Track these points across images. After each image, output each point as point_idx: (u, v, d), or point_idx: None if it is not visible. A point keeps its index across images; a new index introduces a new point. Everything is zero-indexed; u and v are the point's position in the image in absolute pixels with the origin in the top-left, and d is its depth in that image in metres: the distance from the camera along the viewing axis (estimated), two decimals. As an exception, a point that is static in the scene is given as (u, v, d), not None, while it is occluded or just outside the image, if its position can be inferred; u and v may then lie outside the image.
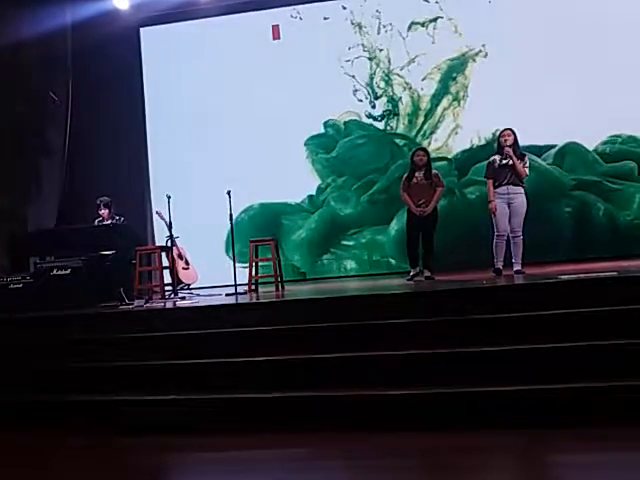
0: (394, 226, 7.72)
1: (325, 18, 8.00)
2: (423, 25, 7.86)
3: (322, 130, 8.06)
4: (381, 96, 7.98)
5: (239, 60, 8.15)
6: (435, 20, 7.83)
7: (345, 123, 8.03)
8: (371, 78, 8.00)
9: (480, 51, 7.70)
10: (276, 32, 8.20)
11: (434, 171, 5.71)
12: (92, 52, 7.83)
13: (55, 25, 7.36)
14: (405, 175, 5.75)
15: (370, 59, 7.99)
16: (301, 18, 8.09)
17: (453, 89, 7.80)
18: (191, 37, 8.32)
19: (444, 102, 7.82)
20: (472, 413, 3.16)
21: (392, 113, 7.90)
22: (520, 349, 3.44)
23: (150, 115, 8.49)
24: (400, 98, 7.92)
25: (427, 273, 5.60)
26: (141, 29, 8.50)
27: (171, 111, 8.29)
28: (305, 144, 8.05)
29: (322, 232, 8.01)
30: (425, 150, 5.81)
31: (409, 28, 7.88)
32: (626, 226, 7.19)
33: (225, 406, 3.50)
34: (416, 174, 5.64)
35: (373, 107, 7.98)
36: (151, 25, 8.46)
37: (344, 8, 8.01)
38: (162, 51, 8.44)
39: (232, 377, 3.67)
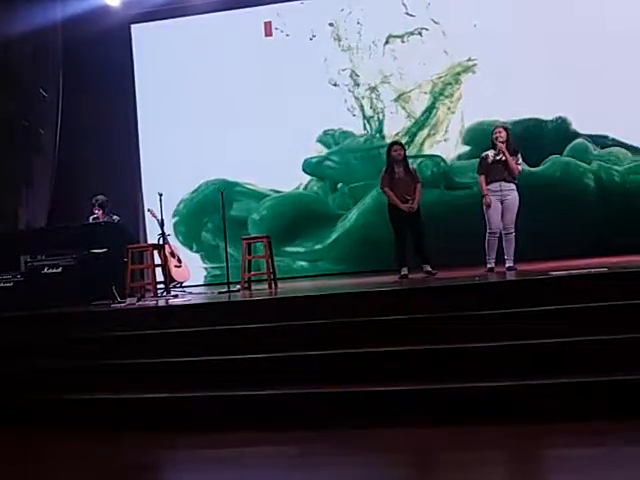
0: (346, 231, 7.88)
1: (312, 37, 8.02)
2: (402, 39, 7.87)
3: (314, 134, 8.03)
4: (372, 107, 8.01)
5: (230, 57, 8.13)
6: (420, 34, 7.84)
7: (337, 132, 8.04)
8: (359, 93, 8.02)
9: (473, 64, 7.72)
10: (268, 29, 8.19)
11: (412, 166, 5.74)
12: (83, 49, 7.80)
13: (46, 22, 7.31)
14: (384, 170, 5.71)
15: (357, 75, 8.00)
16: (288, 35, 8.09)
17: (444, 99, 7.84)
18: (182, 34, 8.29)
19: (435, 111, 7.87)
20: (466, 409, 3.17)
21: (381, 123, 7.95)
22: (511, 345, 3.45)
23: (142, 112, 8.47)
24: (387, 110, 7.97)
25: (427, 267, 5.55)
26: (132, 26, 8.48)
27: (163, 108, 8.26)
28: (298, 145, 7.98)
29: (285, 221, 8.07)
30: (401, 144, 5.82)
31: (386, 42, 7.91)
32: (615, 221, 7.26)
33: (220, 404, 3.49)
34: (395, 169, 5.63)
35: (365, 119, 8.02)
36: (142, 22, 8.43)
37: (331, 25, 8.02)
38: (153, 48, 8.41)
39: (226, 375, 3.66)
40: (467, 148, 7.73)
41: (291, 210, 8.10)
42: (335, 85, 8.04)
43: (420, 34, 7.84)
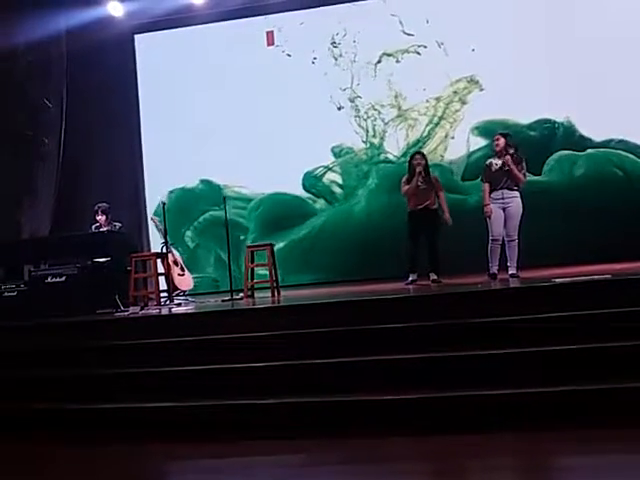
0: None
1: (313, 61, 8.08)
2: (398, 59, 7.91)
3: (312, 149, 8.00)
4: (373, 124, 8.05)
5: (233, 66, 8.18)
6: (418, 52, 7.88)
7: (337, 147, 8.07)
8: (359, 111, 8.06)
9: (476, 81, 7.77)
10: (270, 38, 8.23)
11: (433, 175, 5.76)
12: (87, 59, 7.85)
13: (50, 32, 7.37)
14: (405, 177, 5.77)
15: (359, 96, 8.04)
16: (289, 55, 8.15)
17: (446, 115, 7.88)
18: (185, 44, 8.35)
19: (436, 127, 7.91)
20: (471, 417, 3.16)
21: (382, 139, 8.00)
22: (515, 352, 3.45)
23: (145, 121, 8.51)
24: (388, 126, 8.00)
25: (434, 276, 5.56)
26: (135, 36, 8.54)
27: (166, 117, 8.31)
28: (297, 157, 7.99)
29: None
30: (422, 154, 5.85)
31: (379, 61, 7.95)
32: (617, 228, 7.24)
33: (223, 413, 3.49)
34: (416, 178, 5.65)
35: (366, 135, 8.06)
36: (145, 32, 8.50)
37: (335, 45, 8.06)
38: (156, 58, 8.47)
39: (230, 383, 3.66)
40: (473, 153, 7.74)
41: (281, 211, 8.13)
42: (339, 108, 8.07)
43: (418, 53, 7.88)
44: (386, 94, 7.96)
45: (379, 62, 7.96)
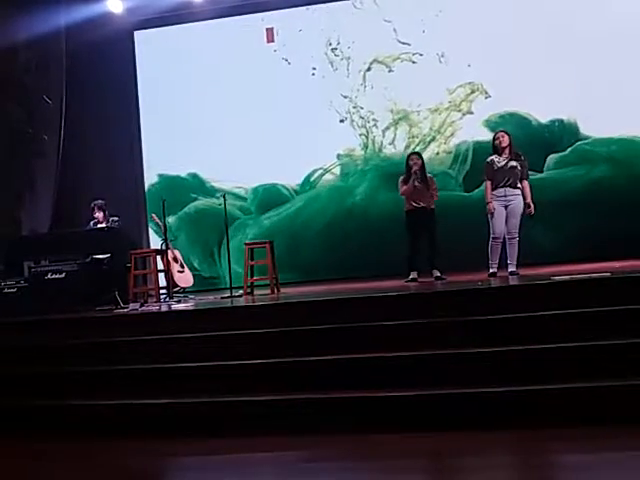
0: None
1: (313, 73, 8.06)
2: (390, 68, 7.90)
3: (310, 152, 7.95)
4: (370, 130, 8.04)
5: (232, 63, 8.17)
6: (413, 61, 7.87)
7: (335, 152, 8.06)
8: (358, 119, 8.04)
9: (476, 89, 7.76)
10: (270, 35, 8.21)
11: (429, 175, 5.81)
12: (86, 55, 7.84)
13: (49, 28, 7.36)
14: (401, 178, 5.84)
15: (360, 107, 8.02)
16: (289, 62, 8.12)
17: (445, 123, 7.88)
18: (185, 40, 8.33)
19: (437, 134, 7.91)
20: (470, 414, 3.17)
21: (381, 145, 8.00)
22: (514, 350, 3.45)
23: (144, 118, 8.50)
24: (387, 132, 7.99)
25: (437, 273, 5.64)
26: (135, 32, 8.52)
27: (165, 114, 8.30)
28: (296, 155, 7.95)
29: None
30: (419, 154, 5.94)
31: (369, 68, 7.93)
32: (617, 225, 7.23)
33: (222, 409, 3.50)
34: (412, 178, 5.71)
35: (364, 142, 8.05)
36: (145, 28, 8.48)
37: (336, 54, 8.04)
38: (156, 54, 8.45)
39: (229, 380, 3.67)
40: (475, 153, 7.74)
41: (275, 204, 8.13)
42: (342, 120, 8.04)
43: (413, 61, 7.86)
44: (386, 101, 7.93)
45: (370, 69, 7.95)
